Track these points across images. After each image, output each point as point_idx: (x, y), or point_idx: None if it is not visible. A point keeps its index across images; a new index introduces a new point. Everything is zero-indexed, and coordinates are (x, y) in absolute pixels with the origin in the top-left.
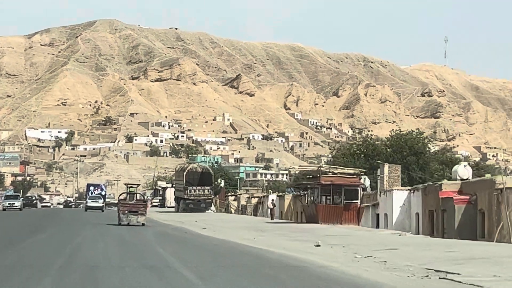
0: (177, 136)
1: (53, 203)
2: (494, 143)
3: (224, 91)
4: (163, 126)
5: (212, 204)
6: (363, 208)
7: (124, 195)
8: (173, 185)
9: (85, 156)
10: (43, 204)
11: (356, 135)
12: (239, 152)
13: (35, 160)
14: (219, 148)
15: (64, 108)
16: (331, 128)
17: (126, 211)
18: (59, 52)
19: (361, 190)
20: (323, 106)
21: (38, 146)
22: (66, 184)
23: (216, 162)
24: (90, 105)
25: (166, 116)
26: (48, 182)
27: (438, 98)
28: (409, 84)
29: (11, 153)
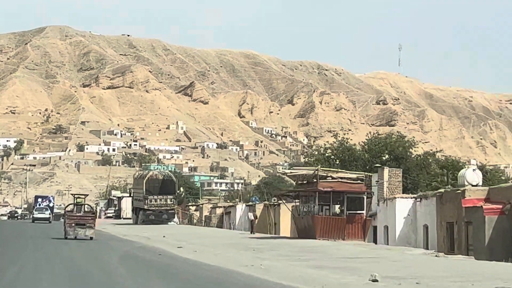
0: (130, 145)
1: None
2: (449, 152)
3: (178, 99)
4: (115, 135)
5: (175, 215)
6: (369, 220)
7: (71, 207)
8: (131, 194)
9: (35, 166)
10: None
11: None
12: (193, 161)
13: None
14: (173, 157)
15: (13, 116)
16: (286, 137)
17: (73, 224)
18: (8, 59)
19: (366, 198)
20: (278, 114)
21: None
22: (15, 195)
23: (171, 171)
24: (40, 113)
25: (119, 125)
26: None
27: (393, 106)
28: (364, 92)
29: None
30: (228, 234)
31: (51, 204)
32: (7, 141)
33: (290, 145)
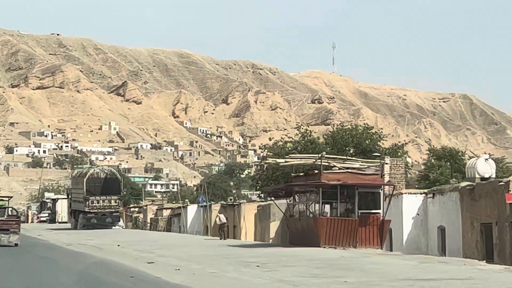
0: (61, 147)
1: None
2: None
3: (110, 99)
4: (46, 136)
5: (120, 219)
6: (388, 222)
7: None
8: (69, 195)
9: None
10: None
11: (248, 144)
12: (127, 162)
13: None
14: (106, 158)
15: None
16: (222, 136)
17: None
18: None
19: (383, 194)
20: (213, 114)
21: None
22: None
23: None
24: None
25: (49, 126)
26: None
27: (328, 105)
28: (299, 91)
29: None
30: (196, 240)
31: None
32: None
33: (226, 145)
